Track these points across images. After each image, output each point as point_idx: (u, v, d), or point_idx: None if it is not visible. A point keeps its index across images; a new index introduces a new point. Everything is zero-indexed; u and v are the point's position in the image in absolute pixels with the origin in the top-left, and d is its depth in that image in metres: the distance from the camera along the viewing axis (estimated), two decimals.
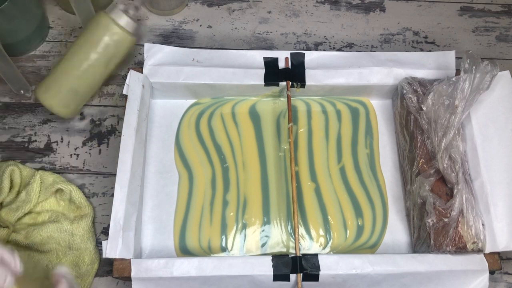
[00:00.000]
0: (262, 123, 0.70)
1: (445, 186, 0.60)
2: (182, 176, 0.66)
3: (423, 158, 0.61)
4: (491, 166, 0.61)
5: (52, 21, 0.78)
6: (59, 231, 0.62)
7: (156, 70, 0.66)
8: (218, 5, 0.81)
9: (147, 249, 0.62)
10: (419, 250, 0.61)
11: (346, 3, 0.82)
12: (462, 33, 0.80)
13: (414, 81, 0.65)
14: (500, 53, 0.79)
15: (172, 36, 0.78)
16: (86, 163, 0.68)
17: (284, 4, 0.81)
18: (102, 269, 0.63)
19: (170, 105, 0.70)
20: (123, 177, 0.59)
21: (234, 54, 0.68)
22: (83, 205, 0.64)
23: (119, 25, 0.64)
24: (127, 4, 0.65)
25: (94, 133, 0.70)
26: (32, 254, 0.61)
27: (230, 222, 0.64)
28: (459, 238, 0.57)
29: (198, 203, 0.65)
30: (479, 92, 0.61)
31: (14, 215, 0.61)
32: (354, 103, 0.71)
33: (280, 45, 0.78)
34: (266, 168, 0.67)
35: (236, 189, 0.66)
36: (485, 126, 0.63)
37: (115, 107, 0.72)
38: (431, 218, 0.58)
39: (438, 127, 0.60)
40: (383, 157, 0.69)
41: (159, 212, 0.64)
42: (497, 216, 0.59)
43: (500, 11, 0.82)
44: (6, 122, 0.70)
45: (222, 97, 0.70)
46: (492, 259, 0.58)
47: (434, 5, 0.82)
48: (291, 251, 0.63)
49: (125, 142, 0.61)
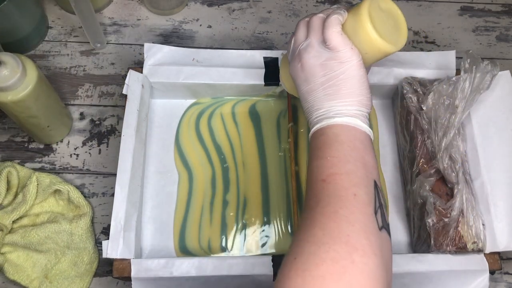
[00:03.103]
0: (262, 123, 0.70)
1: (445, 186, 0.60)
2: (182, 176, 0.66)
3: (423, 158, 0.61)
4: (491, 166, 0.61)
5: (51, 20, 0.78)
6: (57, 231, 0.62)
7: (155, 70, 0.66)
8: (218, 5, 0.81)
9: (147, 249, 0.62)
10: (419, 250, 0.60)
11: (346, 3, 0.82)
12: (462, 33, 0.80)
13: (414, 81, 0.65)
14: (500, 53, 0.79)
15: (172, 36, 0.78)
16: (86, 163, 0.68)
17: (284, 4, 0.81)
18: (102, 269, 0.63)
19: (170, 105, 0.70)
20: (123, 177, 0.59)
21: (234, 54, 0.68)
22: (81, 204, 0.64)
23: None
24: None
25: (94, 133, 0.70)
26: (30, 254, 0.60)
27: (230, 222, 0.64)
28: (459, 238, 0.57)
29: (198, 203, 0.65)
30: (479, 92, 0.61)
31: (9, 218, 0.61)
32: None
33: (280, 45, 0.78)
34: (266, 168, 0.67)
35: (236, 189, 0.66)
36: (485, 126, 0.63)
37: (115, 107, 0.72)
38: (431, 218, 0.57)
39: (438, 127, 0.60)
40: (383, 157, 0.69)
41: (159, 212, 0.64)
42: (497, 216, 0.59)
43: (500, 11, 0.82)
44: (5, 122, 0.70)
45: (222, 97, 0.70)
46: (493, 259, 0.58)
47: (434, 5, 0.82)
48: None
49: (125, 142, 0.61)
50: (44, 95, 0.60)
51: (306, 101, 0.49)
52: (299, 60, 0.48)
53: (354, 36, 0.47)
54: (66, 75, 0.74)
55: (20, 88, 0.57)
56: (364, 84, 0.47)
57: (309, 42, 0.48)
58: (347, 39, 0.46)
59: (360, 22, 0.46)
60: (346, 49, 0.46)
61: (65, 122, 0.69)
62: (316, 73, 0.47)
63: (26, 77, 0.57)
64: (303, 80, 0.48)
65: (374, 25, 0.46)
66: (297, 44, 0.49)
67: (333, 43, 0.46)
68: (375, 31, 0.45)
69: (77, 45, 0.76)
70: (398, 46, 0.47)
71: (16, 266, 0.60)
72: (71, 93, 0.73)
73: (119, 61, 0.75)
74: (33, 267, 0.60)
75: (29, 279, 0.60)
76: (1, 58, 0.55)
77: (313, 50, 0.47)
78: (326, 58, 0.46)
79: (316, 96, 0.47)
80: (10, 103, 0.57)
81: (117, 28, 0.78)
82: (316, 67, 0.47)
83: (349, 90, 0.46)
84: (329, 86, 0.46)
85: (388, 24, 0.48)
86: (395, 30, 0.48)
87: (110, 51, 0.76)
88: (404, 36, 0.48)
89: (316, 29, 0.48)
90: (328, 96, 0.46)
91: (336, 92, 0.46)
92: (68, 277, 0.61)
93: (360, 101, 0.46)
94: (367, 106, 0.47)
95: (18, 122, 0.63)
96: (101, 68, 0.75)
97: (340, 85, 0.46)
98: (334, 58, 0.46)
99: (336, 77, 0.46)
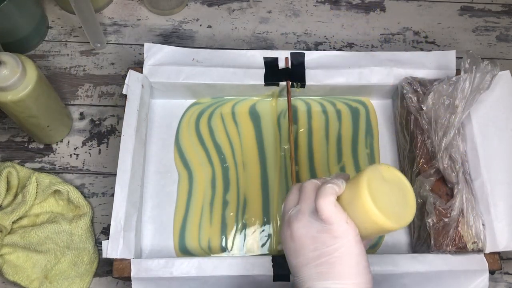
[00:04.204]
0: (262, 123, 0.70)
1: (445, 186, 0.60)
2: (182, 176, 0.66)
3: (423, 158, 0.61)
4: (491, 166, 0.61)
5: (51, 20, 0.78)
6: (57, 231, 0.62)
7: (155, 70, 0.66)
8: (218, 5, 0.81)
9: (147, 249, 0.62)
10: (419, 250, 0.60)
11: (346, 3, 0.82)
12: (462, 33, 0.80)
13: (414, 81, 0.65)
14: (500, 53, 0.79)
15: (172, 36, 0.78)
16: (85, 163, 0.68)
17: (284, 4, 0.81)
18: (101, 269, 0.63)
19: (170, 105, 0.70)
20: (123, 177, 0.59)
21: (234, 54, 0.68)
22: (81, 204, 0.64)
23: None
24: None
25: (94, 133, 0.70)
26: (30, 254, 0.60)
27: (230, 222, 0.64)
28: (459, 238, 0.57)
29: (198, 203, 0.65)
30: (479, 92, 0.61)
31: (9, 218, 0.61)
32: (354, 103, 0.71)
33: (280, 45, 0.78)
34: (266, 168, 0.67)
35: (236, 189, 0.66)
36: (485, 126, 0.63)
37: (114, 107, 0.72)
38: (431, 218, 0.57)
39: (438, 127, 0.60)
40: (383, 157, 0.69)
41: (159, 212, 0.64)
42: (497, 216, 0.58)
43: (500, 11, 0.82)
44: (5, 122, 0.70)
45: (222, 97, 0.70)
46: (492, 259, 0.58)
47: (434, 5, 0.82)
48: None
49: (125, 142, 0.61)
50: (44, 95, 0.60)
51: (297, 277, 0.43)
52: (288, 227, 0.43)
53: (351, 208, 0.41)
54: (66, 75, 0.74)
55: (20, 88, 0.57)
56: (362, 263, 0.41)
57: (299, 209, 0.43)
58: (342, 211, 0.41)
59: (358, 194, 0.40)
60: (341, 222, 0.40)
61: (65, 122, 0.69)
62: (307, 245, 0.42)
63: (26, 77, 0.57)
64: (293, 251, 0.43)
65: (374, 198, 0.40)
66: (287, 209, 0.44)
67: (326, 215, 0.41)
68: (374, 205, 0.40)
69: (77, 45, 0.76)
70: (401, 223, 0.41)
71: (16, 267, 0.60)
72: (71, 93, 0.73)
73: (119, 61, 0.75)
74: (33, 268, 0.60)
75: (29, 279, 0.60)
76: (1, 58, 0.55)
77: (304, 219, 0.42)
78: (317, 230, 0.41)
79: (308, 273, 0.42)
80: (10, 103, 0.57)
81: (117, 28, 0.78)
82: (306, 239, 0.42)
83: (345, 270, 0.40)
84: (321, 264, 0.41)
85: (393, 197, 0.42)
86: (400, 204, 0.42)
87: (110, 51, 0.76)
88: (412, 211, 0.42)
89: (308, 196, 0.43)
90: (321, 275, 0.41)
91: (330, 271, 0.40)
92: (68, 277, 0.61)
93: (358, 284, 0.40)
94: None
95: (18, 122, 0.63)
96: (101, 68, 0.75)
97: (334, 263, 0.40)
98: (327, 231, 0.41)
99: (329, 254, 0.41)
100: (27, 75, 0.57)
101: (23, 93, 0.57)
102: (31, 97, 0.58)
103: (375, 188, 0.41)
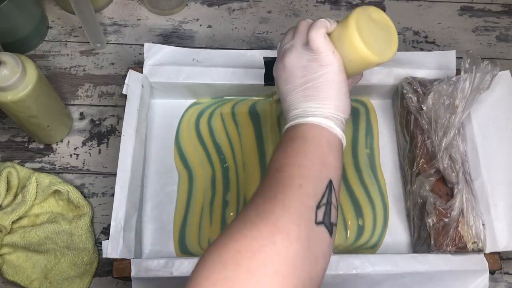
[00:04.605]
0: (262, 123, 0.70)
1: (445, 186, 0.60)
2: (182, 176, 0.66)
3: (423, 158, 0.61)
4: (492, 166, 0.61)
5: (51, 20, 0.78)
6: (57, 231, 0.62)
7: (155, 70, 0.66)
8: (218, 5, 0.81)
9: (147, 249, 0.62)
10: (420, 250, 0.60)
11: (346, 3, 0.82)
12: (462, 33, 0.80)
13: (414, 81, 0.65)
14: (500, 53, 0.79)
15: (172, 36, 0.78)
16: (86, 163, 0.68)
17: (284, 4, 0.81)
18: (102, 269, 0.63)
19: (170, 105, 0.70)
20: (123, 177, 0.59)
21: (234, 54, 0.68)
22: (81, 204, 0.64)
23: None
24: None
25: (94, 133, 0.70)
26: (30, 254, 0.60)
27: (230, 222, 0.64)
28: (459, 238, 0.57)
29: (198, 203, 0.65)
30: (479, 92, 0.61)
31: (8, 218, 0.61)
32: (354, 103, 0.71)
33: None
34: (266, 168, 0.67)
35: (236, 189, 0.66)
36: (485, 126, 0.63)
37: (114, 107, 0.72)
38: (431, 218, 0.57)
39: (438, 127, 0.60)
40: (383, 157, 0.69)
41: (159, 212, 0.64)
42: (497, 216, 0.59)
43: (500, 11, 0.82)
44: (5, 122, 0.70)
45: (222, 97, 0.70)
46: (493, 259, 0.58)
47: (434, 5, 0.82)
48: None
49: (125, 142, 0.61)
50: (44, 95, 0.60)
51: (285, 101, 0.49)
52: (281, 60, 0.49)
53: (339, 42, 0.46)
54: (66, 75, 0.74)
55: (20, 88, 0.57)
56: (342, 89, 0.47)
57: (293, 43, 0.48)
58: (330, 43, 0.46)
59: (346, 28, 0.46)
60: (328, 52, 0.46)
61: (65, 122, 0.68)
62: (297, 74, 0.47)
63: (26, 77, 0.57)
64: (284, 80, 0.49)
65: (360, 32, 0.45)
66: (282, 45, 0.50)
67: (315, 45, 0.46)
68: (360, 38, 0.45)
69: (77, 45, 0.76)
70: (383, 58, 0.46)
71: (16, 267, 0.60)
72: (71, 93, 0.73)
73: (119, 61, 0.75)
74: (32, 268, 0.60)
75: (29, 279, 0.60)
76: (1, 58, 0.55)
77: (296, 51, 0.48)
78: (307, 59, 0.47)
79: (295, 96, 0.48)
80: (10, 103, 0.57)
81: (117, 28, 0.78)
82: (297, 68, 0.47)
83: (327, 93, 0.46)
84: (307, 88, 0.47)
85: (378, 34, 0.47)
86: (384, 41, 0.47)
87: (110, 51, 0.76)
88: (394, 49, 0.47)
89: (301, 32, 0.48)
90: (306, 97, 0.47)
91: (314, 94, 0.46)
92: (68, 278, 0.61)
93: (337, 105, 0.46)
94: (345, 111, 0.47)
95: (18, 122, 0.63)
96: (101, 68, 0.75)
97: (318, 88, 0.46)
98: (315, 60, 0.46)
99: (315, 79, 0.46)
100: (27, 75, 0.57)
101: (23, 93, 0.57)
102: (31, 97, 0.58)
103: (362, 25, 0.46)
